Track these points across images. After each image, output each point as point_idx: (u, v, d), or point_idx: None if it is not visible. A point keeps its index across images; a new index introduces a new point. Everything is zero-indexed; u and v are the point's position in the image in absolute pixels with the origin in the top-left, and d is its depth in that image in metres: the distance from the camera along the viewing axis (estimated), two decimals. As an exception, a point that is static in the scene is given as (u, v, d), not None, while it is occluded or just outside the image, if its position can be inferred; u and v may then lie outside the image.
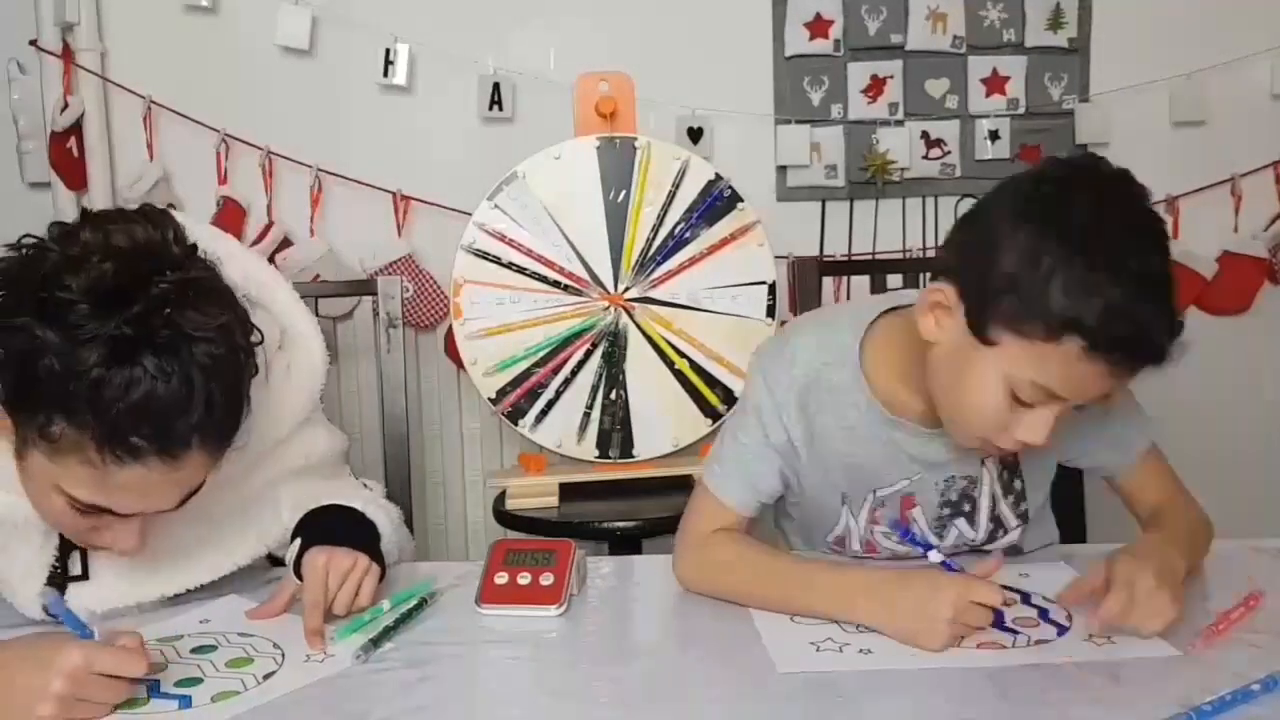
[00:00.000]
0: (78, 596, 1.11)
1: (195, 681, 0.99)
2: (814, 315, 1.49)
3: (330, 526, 1.18)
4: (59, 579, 1.12)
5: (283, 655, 1.04)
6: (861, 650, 1.03)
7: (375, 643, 1.04)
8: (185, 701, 0.95)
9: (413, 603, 1.13)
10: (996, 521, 1.26)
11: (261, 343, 1.06)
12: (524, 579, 1.16)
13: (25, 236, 0.97)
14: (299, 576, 1.12)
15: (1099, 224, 0.99)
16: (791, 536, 1.38)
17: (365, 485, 1.36)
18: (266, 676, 1.00)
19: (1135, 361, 1.04)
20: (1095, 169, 1.05)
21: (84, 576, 1.13)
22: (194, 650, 1.06)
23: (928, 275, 1.94)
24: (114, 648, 0.93)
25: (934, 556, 1.11)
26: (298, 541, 1.15)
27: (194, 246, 1.01)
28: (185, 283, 0.95)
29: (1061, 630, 1.06)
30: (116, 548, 1.06)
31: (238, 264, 1.17)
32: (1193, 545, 1.18)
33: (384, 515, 1.26)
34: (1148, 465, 1.28)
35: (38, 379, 0.92)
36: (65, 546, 1.12)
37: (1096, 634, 1.03)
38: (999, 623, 1.06)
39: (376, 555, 1.15)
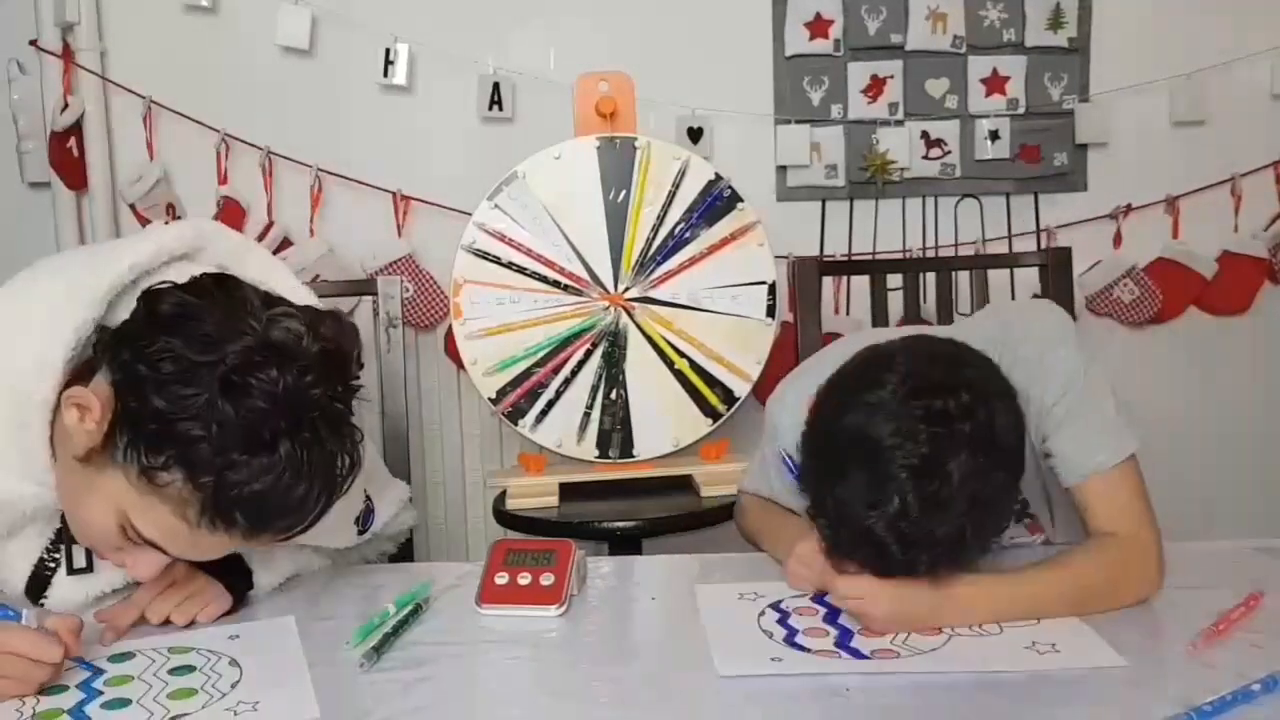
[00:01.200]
0: (80, 588, 1.13)
1: (123, 703, 0.95)
2: (808, 361, 1.45)
3: None
4: (46, 573, 1.13)
5: (234, 685, 1.00)
6: (799, 648, 1.04)
7: (378, 650, 1.04)
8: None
9: (410, 607, 1.13)
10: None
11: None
12: (524, 579, 1.16)
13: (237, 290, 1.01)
14: None
15: (881, 464, 1.02)
16: None
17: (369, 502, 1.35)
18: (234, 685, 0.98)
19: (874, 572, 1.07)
20: (921, 403, 1.03)
21: (89, 569, 1.13)
22: (171, 671, 1.02)
23: (929, 275, 1.94)
24: (34, 630, 0.94)
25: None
26: None
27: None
28: (340, 400, 1.00)
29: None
30: (133, 573, 1.06)
31: (289, 290, 1.17)
32: (1076, 586, 1.09)
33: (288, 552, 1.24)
34: (1096, 488, 1.16)
35: (180, 433, 0.93)
36: (62, 541, 1.12)
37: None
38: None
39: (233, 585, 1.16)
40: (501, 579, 1.16)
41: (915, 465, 0.99)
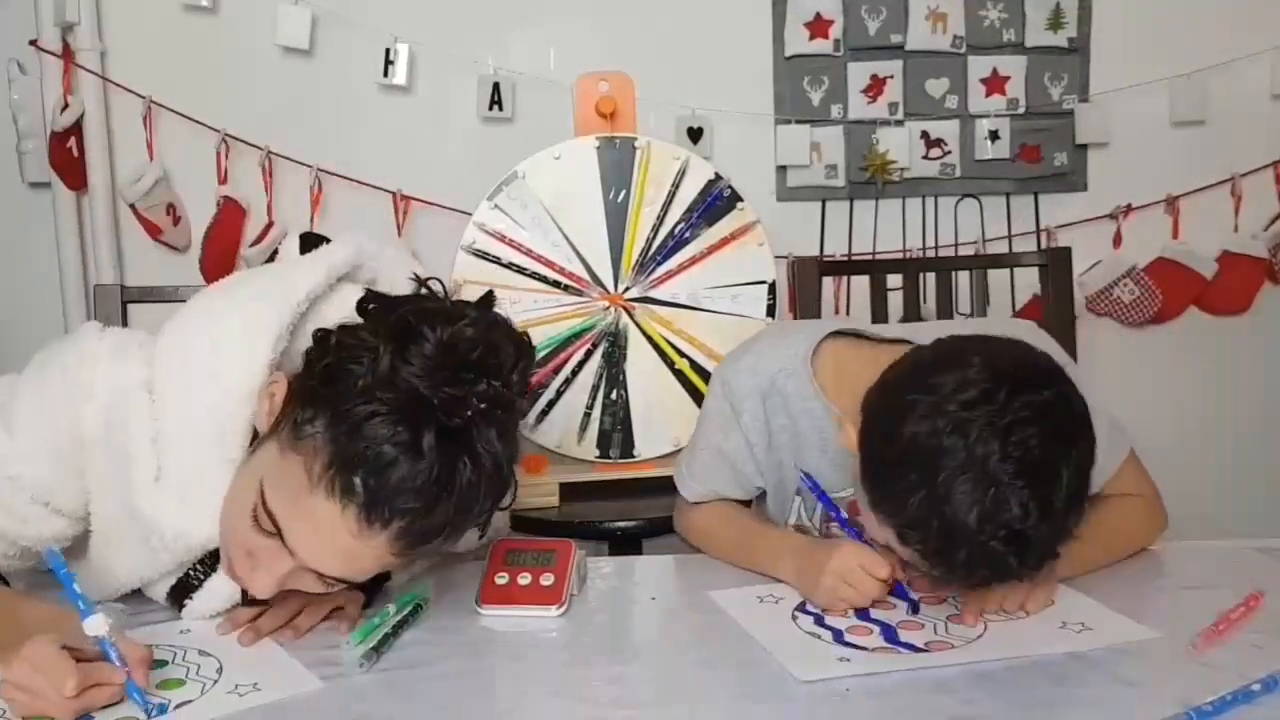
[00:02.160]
0: (222, 591, 1.11)
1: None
2: (769, 329, 1.59)
3: None
4: (194, 583, 1.12)
5: (219, 671, 1.00)
6: (854, 646, 1.04)
7: (378, 649, 1.04)
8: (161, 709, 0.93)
9: (409, 608, 1.13)
10: None
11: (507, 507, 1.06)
12: (524, 579, 1.16)
13: (431, 280, 1.04)
14: None
15: (983, 466, 0.95)
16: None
17: None
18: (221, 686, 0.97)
19: (974, 586, 1.06)
20: (1022, 400, 0.98)
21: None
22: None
23: (928, 276, 1.94)
24: (64, 655, 0.89)
25: (835, 530, 1.20)
26: None
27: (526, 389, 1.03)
28: (500, 402, 0.97)
29: (914, 606, 1.10)
30: (252, 586, 1.02)
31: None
32: (1108, 536, 1.20)
33: None
34: (1115, 480, 1.25)
35: (342, 379, 0.94)
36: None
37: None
38: (901, 594, 1.11)
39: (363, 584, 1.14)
40: (501, 579, 1.16)
41: (1028, 473, 0.94)
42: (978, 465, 0.94)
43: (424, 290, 1.05)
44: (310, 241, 1.21)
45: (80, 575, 1.10)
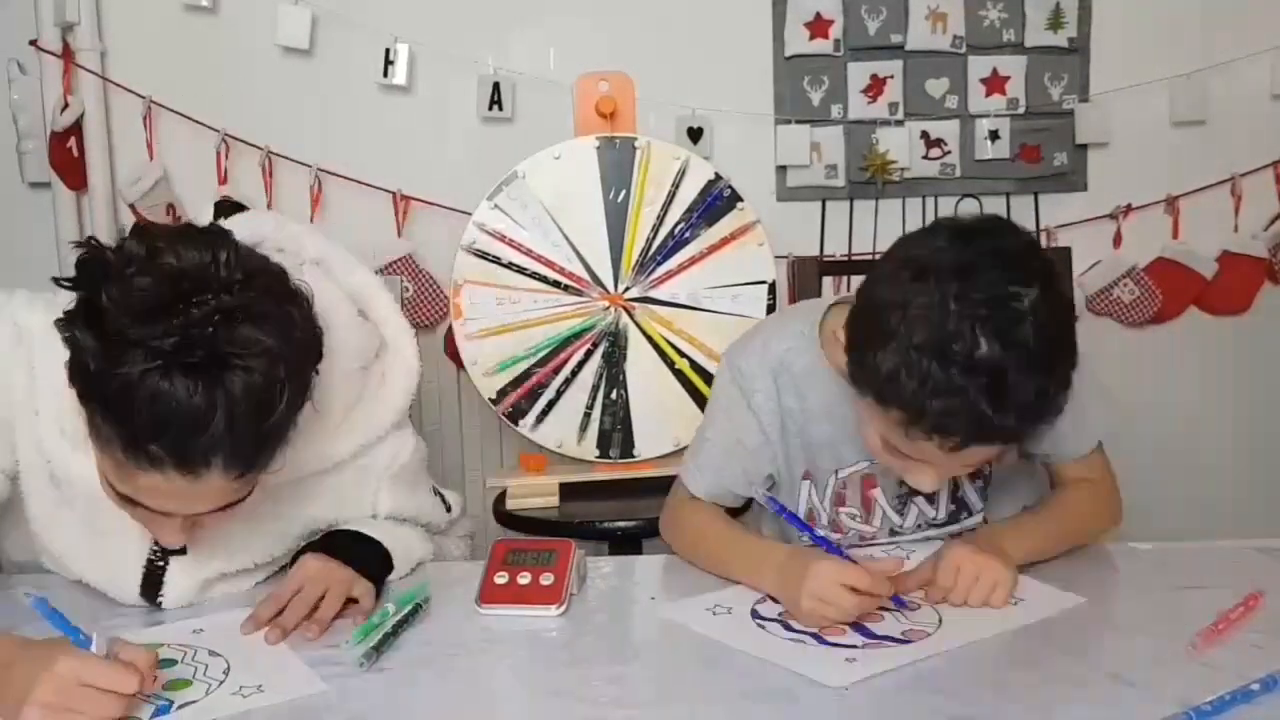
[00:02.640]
0: (190, 578, 1.15)
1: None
2: (771, 316, 1.61)
3: (345, 544, 1.18)
4: (158, 571, 1.14)
5: (226, 672, 1.01)
6: (840, 645, 1.04)
7: (378, 649, 1.04)
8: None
9: (409, 607, 1.13)
10: (960, 503, 1.29)
11: (317, 374, 1.04)
12: (524, 579, 1.16)
13: (90, 239, 0.98)
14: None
15: (945, 304, 0.97)
16: (765, 526, 1.42)
17: (440, 493, 1.36)
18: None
19: (961, 442, 1.01)
20: (983, 244, 1.02)
21: (182, 551, 1.14)
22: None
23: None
24: (108, 660, 0.90)
25: (806, 539, 1.18)
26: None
27: (254, 271, 0.98)
28: (230, 308, 0.93)
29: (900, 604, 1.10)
30: (162, 541, 1.08)
31: (343, 270, 1.22)
32: (1066, 518, 1.24)
33: (415, 540, 1.27)
34: (1080, 462, 1.29)
35: (86, 374, 0.94)
36: None
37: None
38: (899, 604, 1.10)
39: (373, 575, 1.16)
40: (501, 579, 1.16)
41: (990, 304, 0.96)
42: (939, 304, 0.97)
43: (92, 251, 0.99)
44: (225, 209, 1.21)
45: (14, 544, 1.16)
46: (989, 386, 0.96)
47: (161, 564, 1.15)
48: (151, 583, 1.15)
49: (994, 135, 2.40)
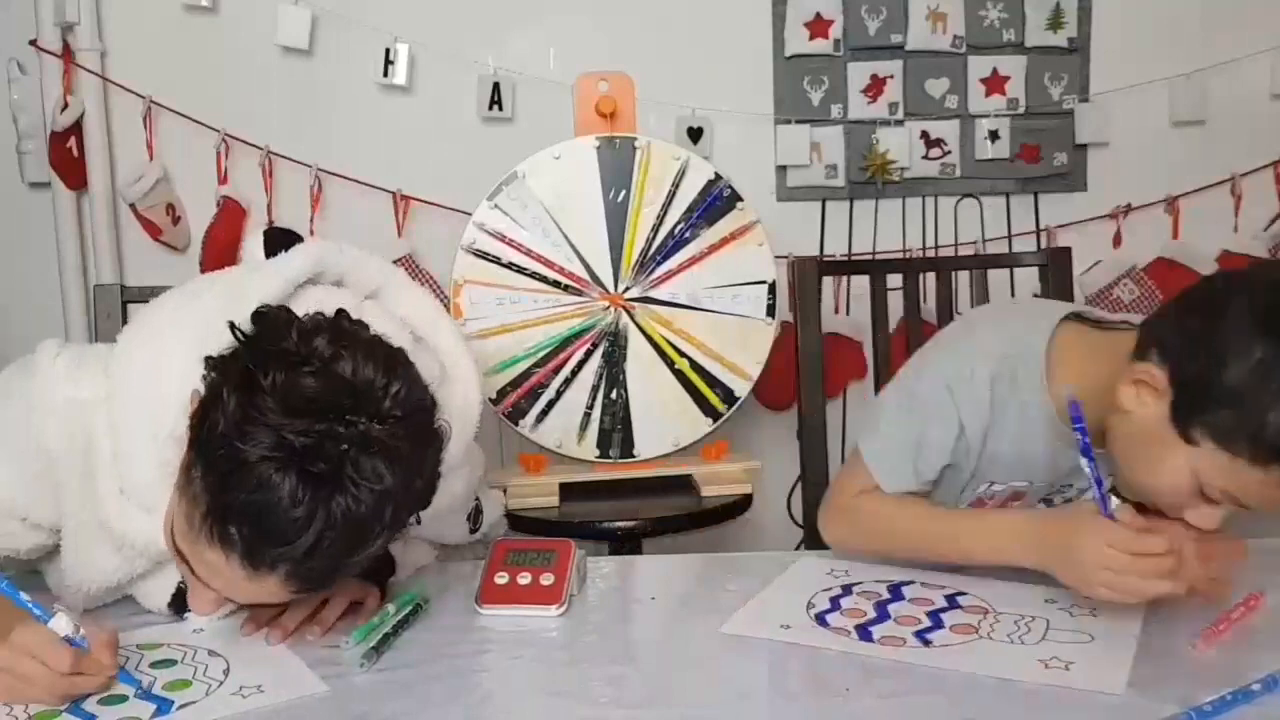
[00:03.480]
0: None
1: (119, 699, 0.95)
2: (995, 309, 1.50)
3: None
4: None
5: (226, 672, 1.01)
6: (855, 641, 1.03)
7: (378, 649, 1.04)
8: (165, 706, 0.94)
9: (409, 608, 1.13)
10: None
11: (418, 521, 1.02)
12: (524, 579, 1.16)
13: (283, 310, 0.99)
14: None
15: None
16: None
17: (479, 509, 1.36)
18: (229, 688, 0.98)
19: None
20: None
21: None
22: (154, 664, 1.03)
23: (928, 276, 1.94)
24: (59, 640, 0.92)
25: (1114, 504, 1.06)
26: None
27: (412, 410, 0.96)
28: (373, 438, 0.92)
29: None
30: (193, 606, 1.04)
31: (406, 297, 1.19)
32: None
33: (423, 549, 1.28)
34: None
35: (212, 429, 0.92)
36: None
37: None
38: None
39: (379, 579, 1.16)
40: (501, 579, 1.16)
41: None
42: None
43: (279, 321, 0.99)
44: (275, 239, 1.18)
45: (56, 581, 1.13)
46: None
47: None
48: (180, 601, 1.13)
49: (994, 135, 2.40)
